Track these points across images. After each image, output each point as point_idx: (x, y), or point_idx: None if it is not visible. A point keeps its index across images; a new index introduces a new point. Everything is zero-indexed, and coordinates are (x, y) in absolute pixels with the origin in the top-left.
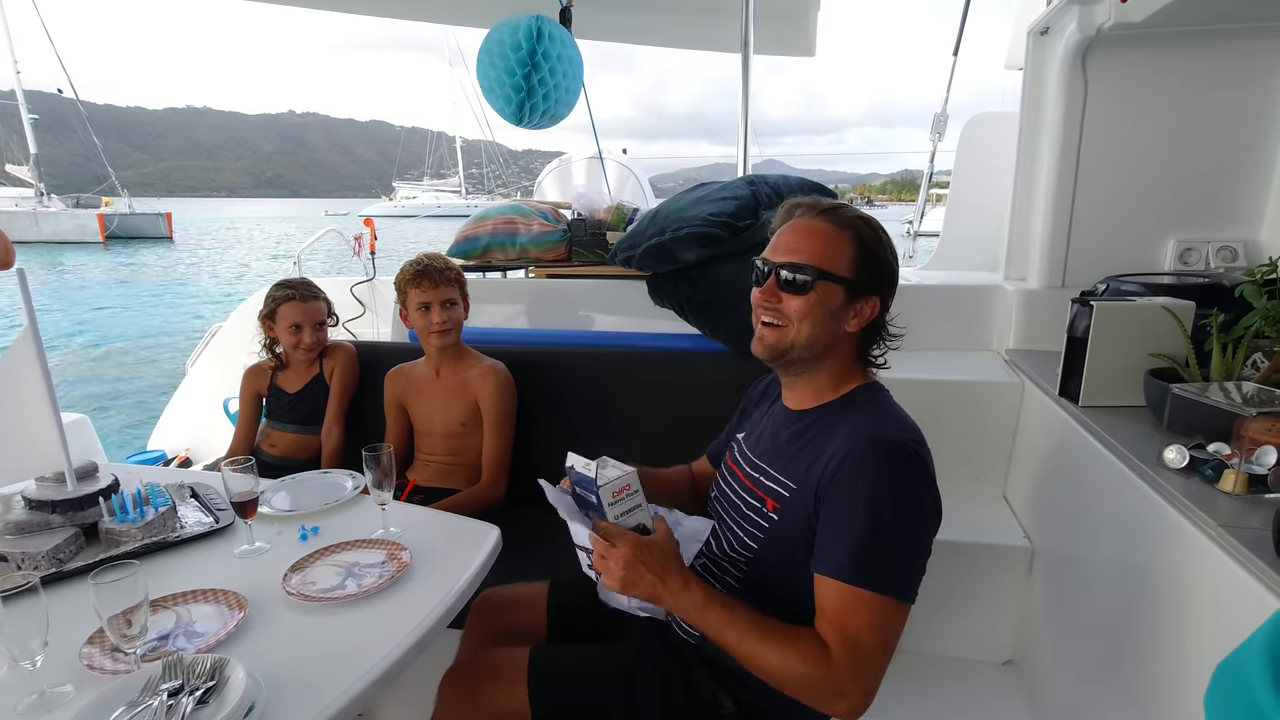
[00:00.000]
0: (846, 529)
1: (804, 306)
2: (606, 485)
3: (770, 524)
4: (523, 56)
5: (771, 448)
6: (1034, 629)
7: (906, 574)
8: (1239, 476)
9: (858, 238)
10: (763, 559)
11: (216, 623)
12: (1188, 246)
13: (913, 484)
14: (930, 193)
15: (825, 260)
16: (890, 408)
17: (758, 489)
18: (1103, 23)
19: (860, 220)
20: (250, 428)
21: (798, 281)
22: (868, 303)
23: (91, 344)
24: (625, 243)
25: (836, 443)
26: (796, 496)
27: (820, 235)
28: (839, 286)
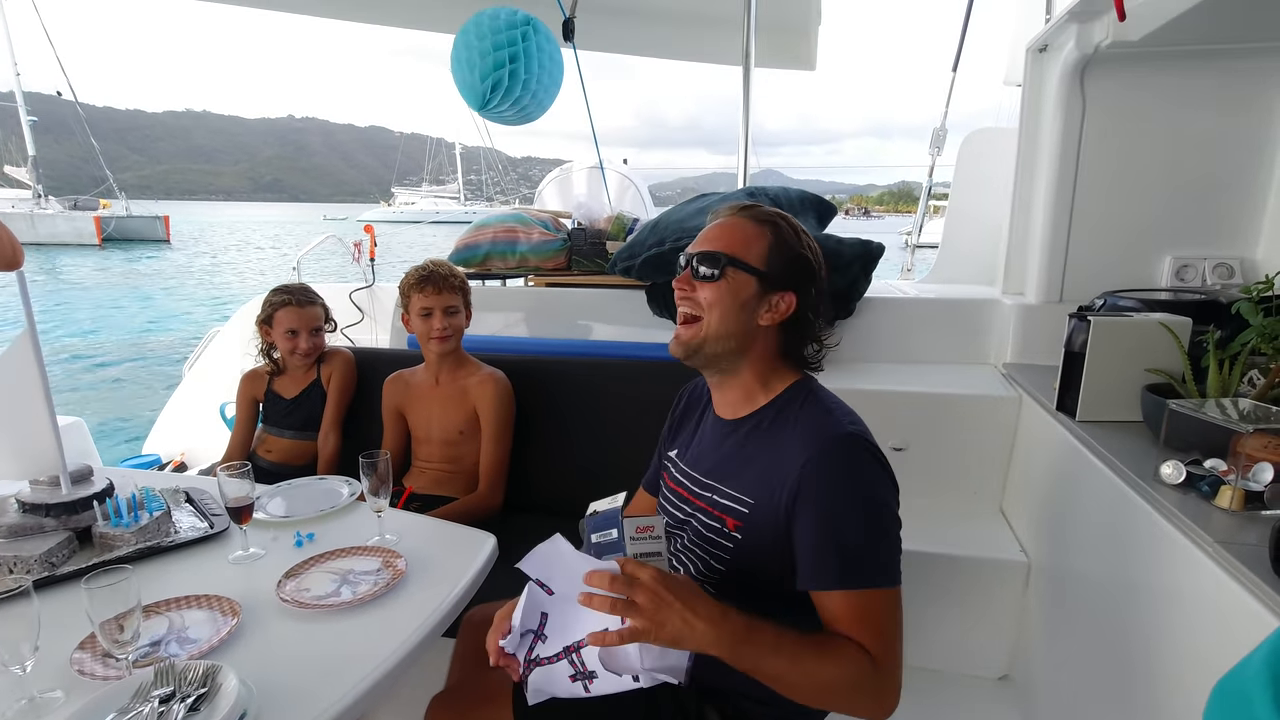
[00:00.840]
0: (830, 540)
1: (714, 294)
2: (632, 519)
3: (735, 543)
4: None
5: (716, 463)
6: (1030, 644)
7: (893, 559)
8: (1236, 493)
9: (774, 232)
10: (731, 579)
11: (209, 629)
12: (1184, 263)
13: (874, 473)
14: (929, 204)
15: (736, 249)
16: (828, 402)
17: (713, 509)
18: (1101, 41)
19: (779, 217)
20: (246, 433)
21: (709, 272)
22: (783, 297)
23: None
24: (625, 252)
25: (789, 451)
26: (758, 512)
27: (735, 228)
28: (750, 277)
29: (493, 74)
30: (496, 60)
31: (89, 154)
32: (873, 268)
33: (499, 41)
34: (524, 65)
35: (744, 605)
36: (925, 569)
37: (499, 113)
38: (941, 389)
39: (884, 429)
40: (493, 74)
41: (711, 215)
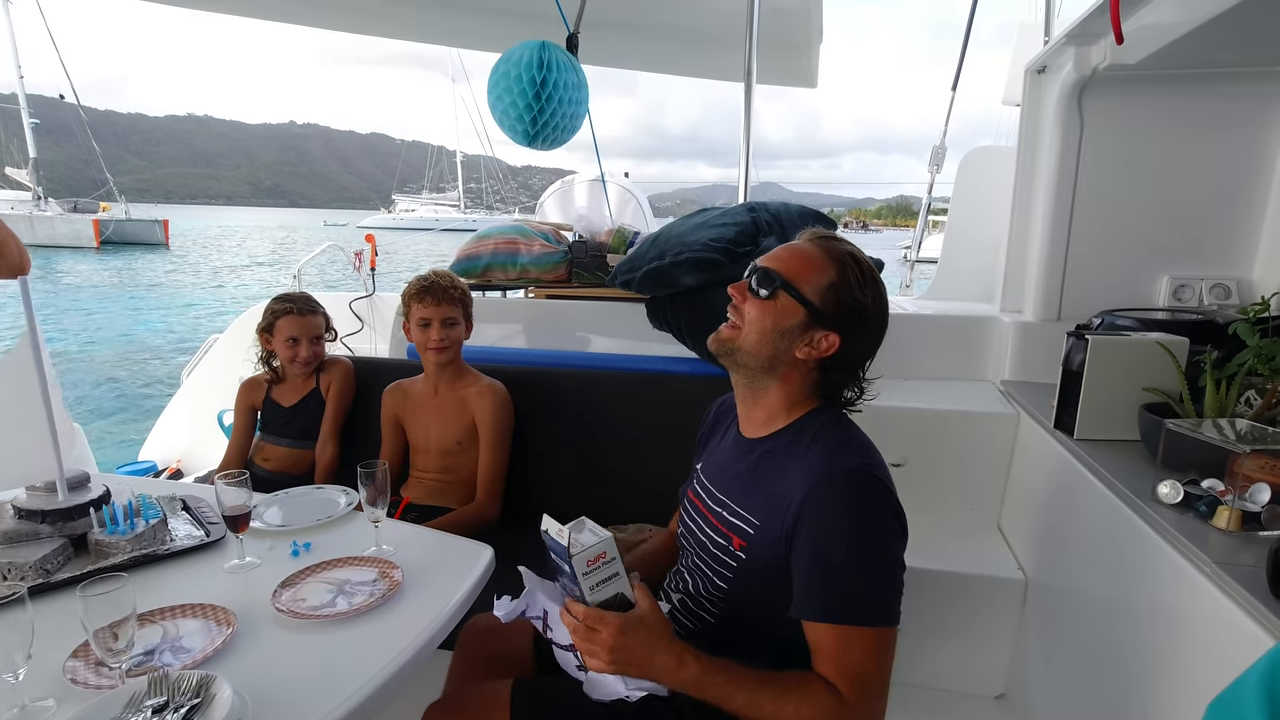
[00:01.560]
0: (822, 572)
1: (757, 312)
2: (580, 554)
3: (739, 563)
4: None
5: (729, 480)
6: (1027, 662)
7: (888, 600)
8: (1233, 513)
9: (839, 270)
10: (736, 597)
11: (204, 638)
12: (1181, 283)
13: (877, 510)
14: (929, 219)
15: (795, 276)
16: (845, 432)
17: (723, 526)
18: (1099, 63)
19: (851, 258)
20: (244, 441)
21: (762, 289)
22: (826, 336)
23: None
24: (625, 265)
25: (794, 479)
26: (762, 535)
27: (805, 255)
28: (800, 306)
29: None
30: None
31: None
32: None
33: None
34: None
35: (743, 626)
36: (922, 585)
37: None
38: (940, 405)
39: (882, 445)
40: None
41: (799, 232)
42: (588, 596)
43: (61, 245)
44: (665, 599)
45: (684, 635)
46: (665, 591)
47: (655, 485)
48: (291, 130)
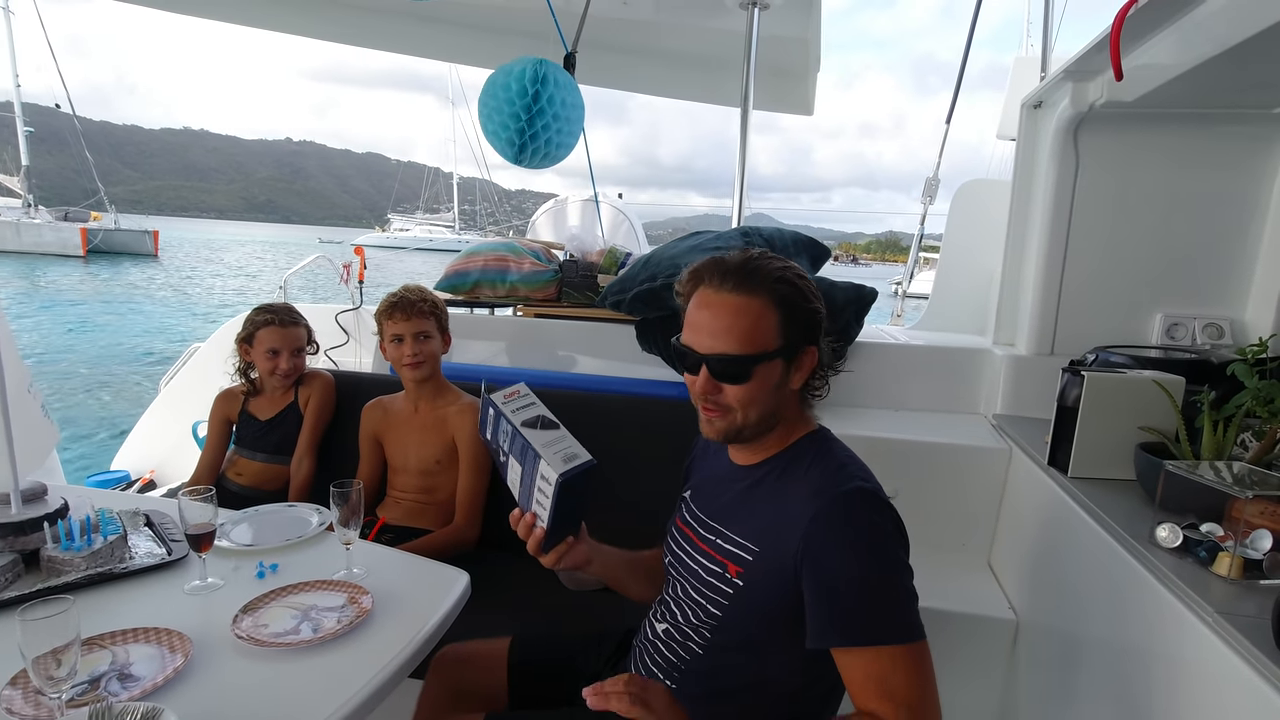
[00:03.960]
0: (846, 594)
1: (747, 394)
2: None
3: (735, 590)
4: (525, 102)
5: (722, 506)
6: (1016, 704)
7: (913, 612)
8: (1234, 560)
9: (778, 300)
10: (729, 624)
11: (155, 666)
12: (1175, 321)
13: (886, 526)
14: (920, 256)
15: (754, 342)
16: (842, 455)
17: (716, 553)
18: (1095, 100)
19: (775, 281)
20: (217, 454)
21: (733, 373)
22: (806, 355)
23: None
24: (616, 286)
25: (799, 504)
26: (762, 560)
27: (742, 313)
28: (776, 360)
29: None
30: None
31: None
32: (865, 313)
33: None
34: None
35: (731, 657)
36: None
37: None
38: (931, 437)
39: None
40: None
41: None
42: (514, 419)
43: (48, 253)
44: (649, 629)
45: (669, 667)
46: (650, 621)
47: (643, 509)
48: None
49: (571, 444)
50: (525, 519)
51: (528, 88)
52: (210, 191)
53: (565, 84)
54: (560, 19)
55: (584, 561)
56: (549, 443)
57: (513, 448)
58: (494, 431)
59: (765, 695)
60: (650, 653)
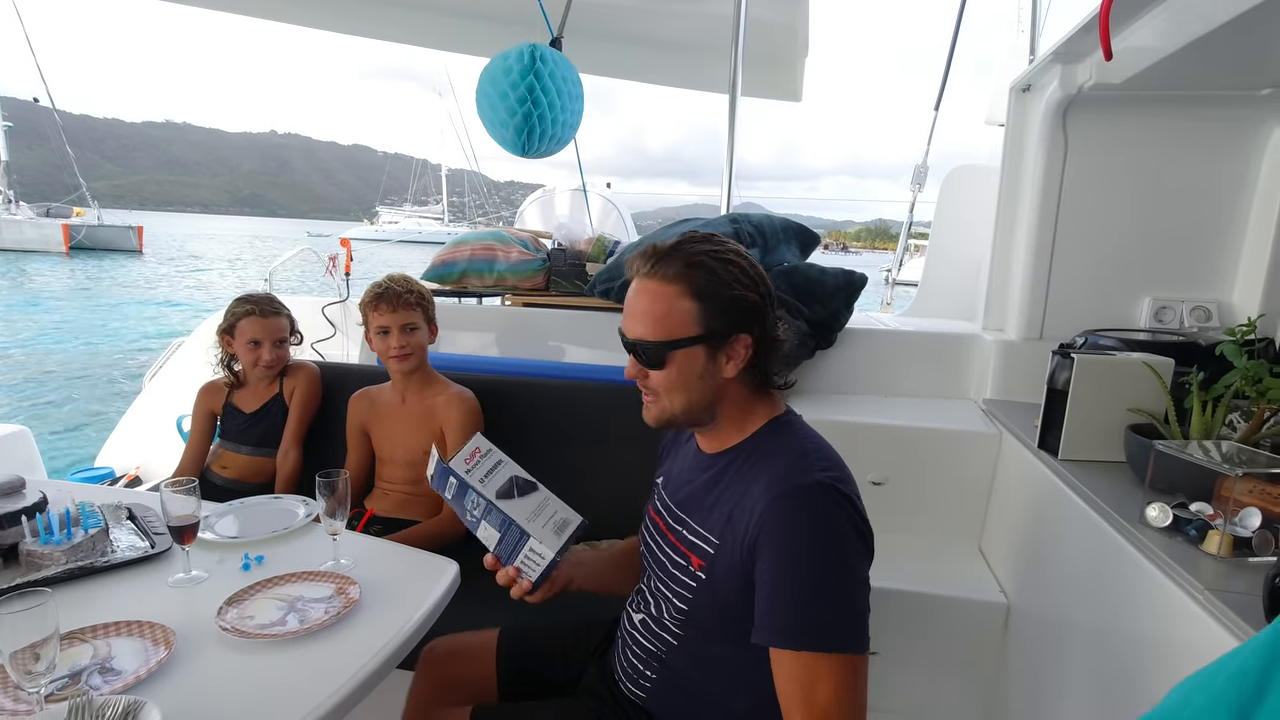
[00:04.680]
0: (784, 592)
1: (665, 380)
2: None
3: (699, 583)
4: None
5: (688, 496)
6: (1008, 688)
7: (856, 623)
8: (1224, 538)
9: (693, 287)
10: (696, 619)
11: (138, 659)
12: (1163, 305)
13: (840, 526)
14: (910, 243)
15: (668, 328)
16: (808, 442)
17: (681, 545)
18: (1084, 82)
19: (690, 267)
20: (201, 447)
21: (650, 359)
22: (737, 343)
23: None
24: (605, 274)
25: (755, 494)
26: (721, 553)
27: (655, 298)
28: (694, 347)
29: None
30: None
31: (63, 161)
32: (855, 299)
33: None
34: (546, 103)
35: (705, 649)
36: (900, 607)
37: (541, 152)
38: (921, 423)
39: (862, 462)
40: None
41: (628, 268)
42: (484, 491)
43: (30, 250)
44: (628, 620)
45: (649, 656)
46: (627, 612)
47: (632, 499)
48: (272, 140)
49: (557, 507)
50: (508, 572)
51: (519, 77)
52: (194, 185)
53: (562, 65)
54: (545, 3)
55: (567, 582)
56: (533, 513)
57: (486, 516)
58: (456, 497)
59: (743, 688)
60: (630, 644)
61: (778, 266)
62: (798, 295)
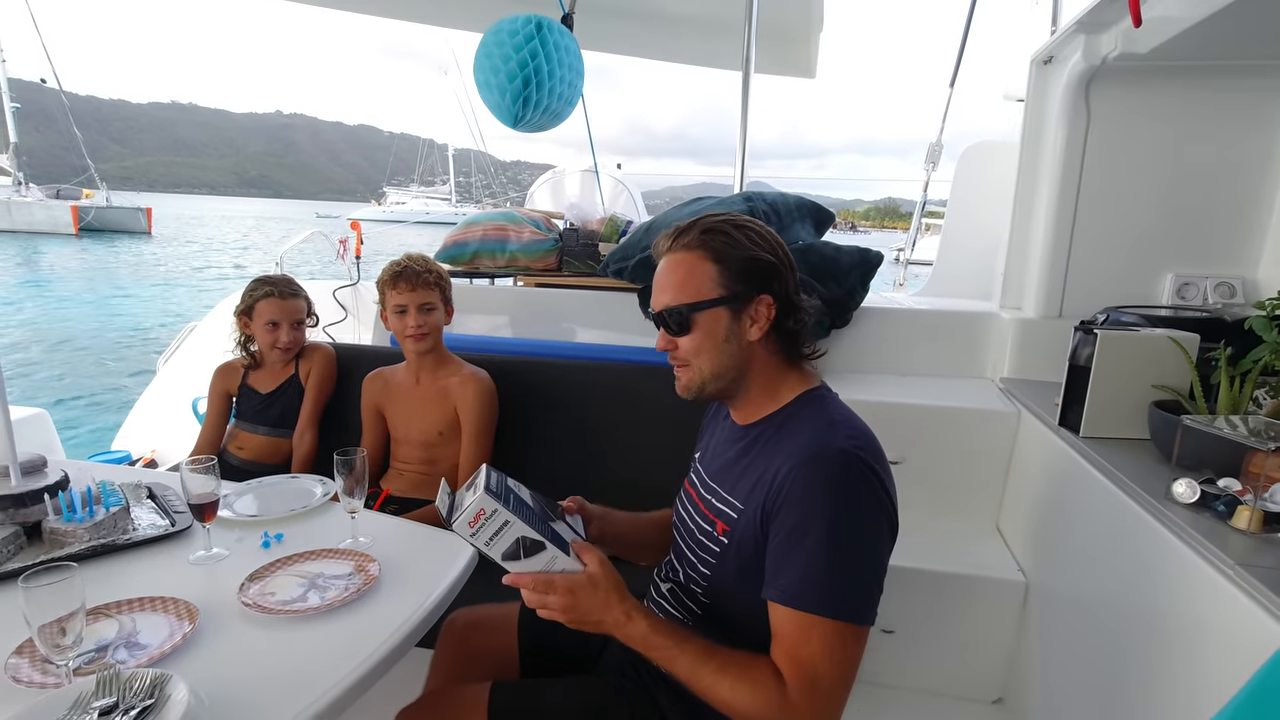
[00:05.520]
0: (795, 551)
1: (693, 344)
2: (459, 519)
3: (721, 548)
4: (524, 57)
5: (720, 467)
6: (1027, 666)
7: (861, 595)
8: (1254, 513)
9: (713, 252)
10: (719, 586)
11: (163, 634)
12: (1186, 281)
13: (862, 496)
14: (922, 222)
15: (689, 291)
16: (836, 413)
17: (709, 511)
18: (1109, 53)
19: (708, 233)
20: (218, 428)
21: (676, 325)
22: (759, 304)
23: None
24: (618, 254)
25: (780, 459)
26: (744, 518)
27: (677, 267)
28: (718, 308)
29: (521, 93)
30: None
31: (70, 143)
32: (870, 277)
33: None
34: (546, 72)
35: (730, 620)
36: (918, 586)
37: (534, 124)
38: (938, 402)
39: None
40: (521, 93)
41: (653, 247)
42: (487, 553)
43: (40, 232)
44: (655, 590)
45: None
46: (655, 581)
47: (645, 479)
48: (278, 120)
49: (564, 564)
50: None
51: (521, 41)
52: (201, 167)
53: (563, 36)
54: None
55: (598, 537)
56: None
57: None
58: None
59: None
60: (656, 612)
61: (792, 245)
62: (812, 273)
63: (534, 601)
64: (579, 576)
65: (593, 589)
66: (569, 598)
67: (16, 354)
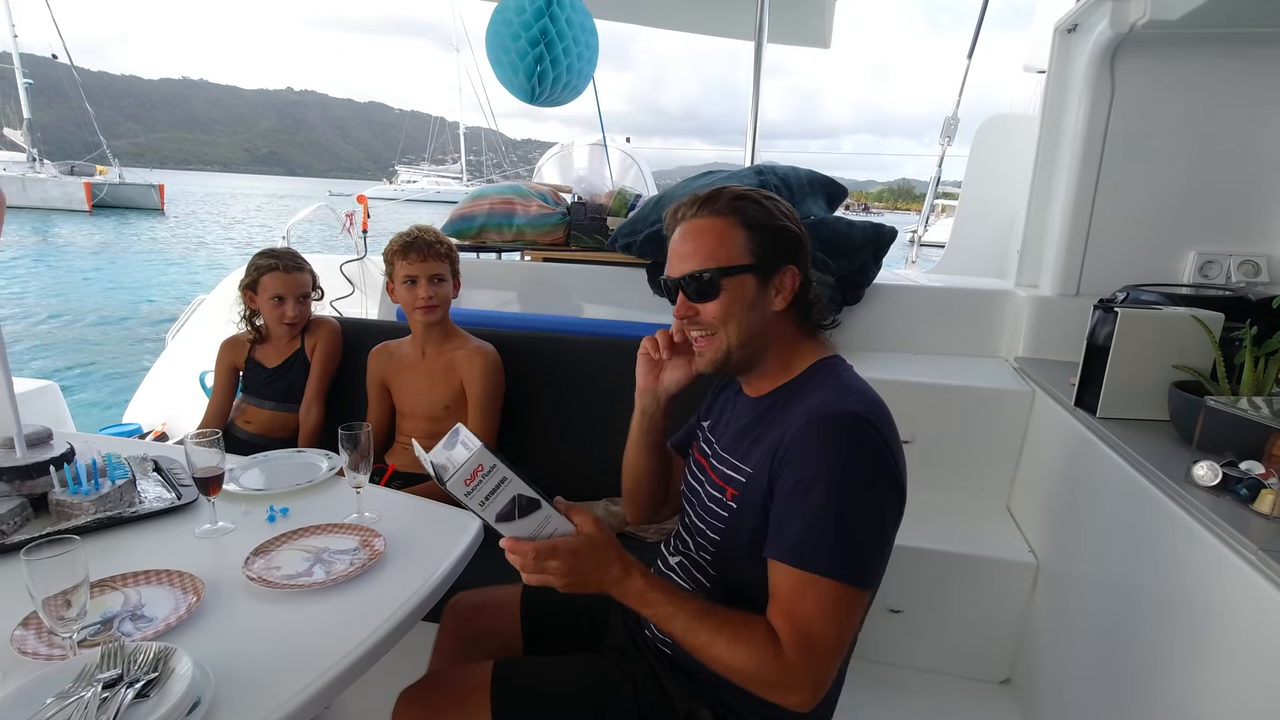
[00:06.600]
0: (796, 508)
1: (720, 309)
2: (454, 477)
3: (730, 513)
4: (534, 34)
5: (734, 435)
6: (1036, 647)
7: (860, 557)
8: (1278, 498)
9: (743, 218)
10: (727, 552)
11: (168, 607)
12: (1208, 259)
13: (867, 458)
14: (936, 203)
15: (720, 256)
16: (848, 380)
17: (719, 479)
18: (1137, 20)
19: (739, 199)
20: (225, 402)
21: (703, 288)
22: (784, 275)
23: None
24: (626, 229)
25: (790, 419)
26: (752, 481)
27: (707, 232)
28: (746, 275)
29: (535, 69)
30: (535, 55)
31: (83, 119)
32: (884, 253)
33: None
34: (560, 47)
35: (739, 584)
36: (927, 566)
37: (550, 99)
38: (950, 380)
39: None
40: (535, 69)
41: (669, 220)
42: (481, 513)
43: (53, 208)
44: (663, 563)
45: None
46: (663, 554)
47: None
48: (288, 97)
49: (557, 523)
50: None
51: (531, 16)
52: (213, 144)
53: (579, 10)
54: None
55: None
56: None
57: None
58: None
59: None
60: None
61: (804, 220)
62: (824, 249)
63: (530, 567)
64: (579, 539)
65: (593, 549)
66: (571, 560)
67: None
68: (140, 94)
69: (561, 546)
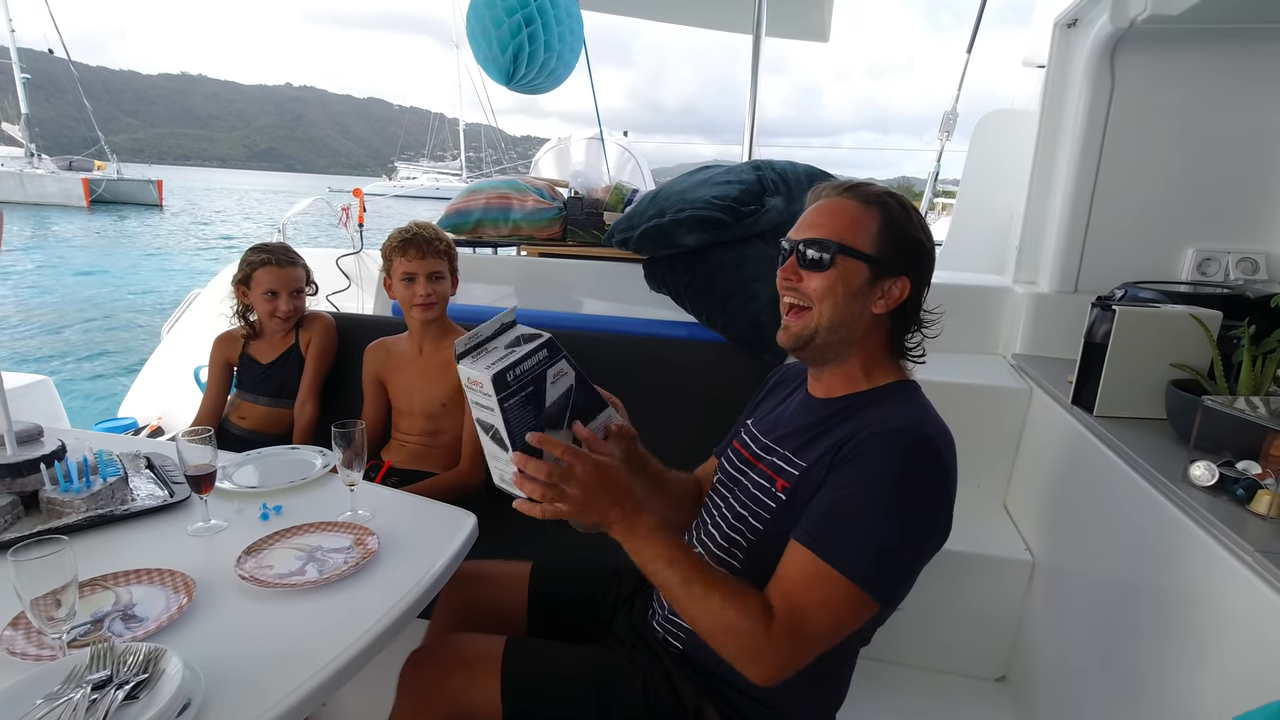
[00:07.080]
0: (843, 506)
1: (824, 284)
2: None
3: (778, 504)
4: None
5: (790, 432)
6: (1031, 645)
7: (887, 572)
8: (1275, 498)
9: (884, 214)
10: (767, 540)
11: (159, 606)
12: (1207, 256)
13: (937, 489)
14: (933, 201)
15: (846, 235)
16: (930, 409)
17: (768, 469)
18: (1137, 14)
19: (888, 196)
20: (219, 398)
21: (817, 258)
22: (896, 282)
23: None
24: (623, 224)
25: (864, 422)
26: (806, 474)
27: (843, 211)
28: (861, 263)
29: (511, 42)
30: (513, 27)
31: (80, 114)
32: None
33: (510, 6)
34: (541, 25)
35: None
36: None
37: (528, 83)
38: (946, 377)
39: None
40: (511, 42)
41: (812, 195)
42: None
43: (51, 204)
44: None
45: None
46: None
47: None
48: (287, 93)
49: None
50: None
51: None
52: (211, 139)
53: None
54: None
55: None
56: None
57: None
58: None
59: None
60: None
61: None
62: None
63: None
64: (608, 460)
65: (617, 474)
66: (597, 473)
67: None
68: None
69: (588, 457)
